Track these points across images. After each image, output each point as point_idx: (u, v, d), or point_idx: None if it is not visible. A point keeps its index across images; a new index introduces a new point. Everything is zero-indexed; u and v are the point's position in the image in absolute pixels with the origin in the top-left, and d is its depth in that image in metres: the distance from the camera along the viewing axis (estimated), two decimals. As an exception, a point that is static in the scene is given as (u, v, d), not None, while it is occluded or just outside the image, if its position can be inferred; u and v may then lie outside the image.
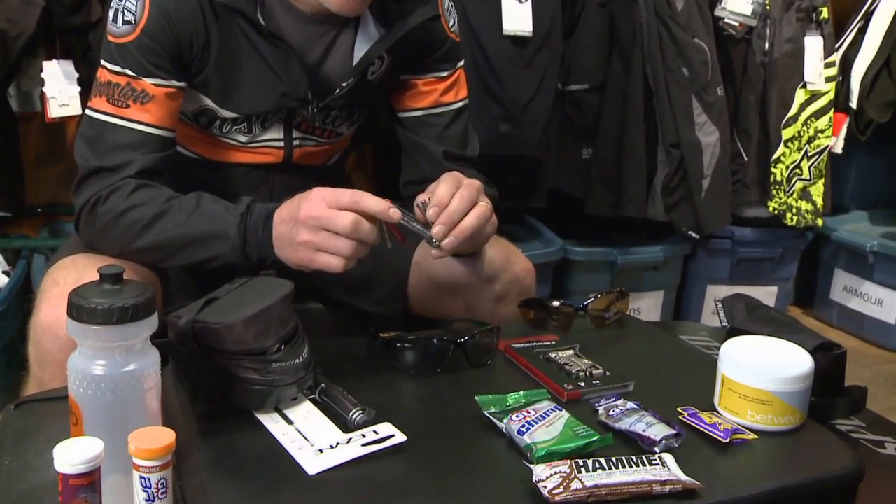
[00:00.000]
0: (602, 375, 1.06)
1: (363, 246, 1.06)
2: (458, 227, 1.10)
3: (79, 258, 1.18)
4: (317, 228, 1.05)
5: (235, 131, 1.31)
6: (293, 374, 0.94)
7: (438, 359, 1.07)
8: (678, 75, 2.41)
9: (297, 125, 1.33)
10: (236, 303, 0.95)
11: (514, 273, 1.33)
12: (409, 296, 1.36)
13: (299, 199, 1.09)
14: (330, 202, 1.05)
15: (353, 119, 1.39)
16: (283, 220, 1.11)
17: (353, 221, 1.03)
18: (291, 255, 1.10)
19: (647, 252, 2.60)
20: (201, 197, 1.18)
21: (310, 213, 1.05)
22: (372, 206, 1.05)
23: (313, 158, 1.40)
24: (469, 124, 1.41)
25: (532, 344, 1.15)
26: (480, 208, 1.12)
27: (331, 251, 1.05)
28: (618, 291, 1.29)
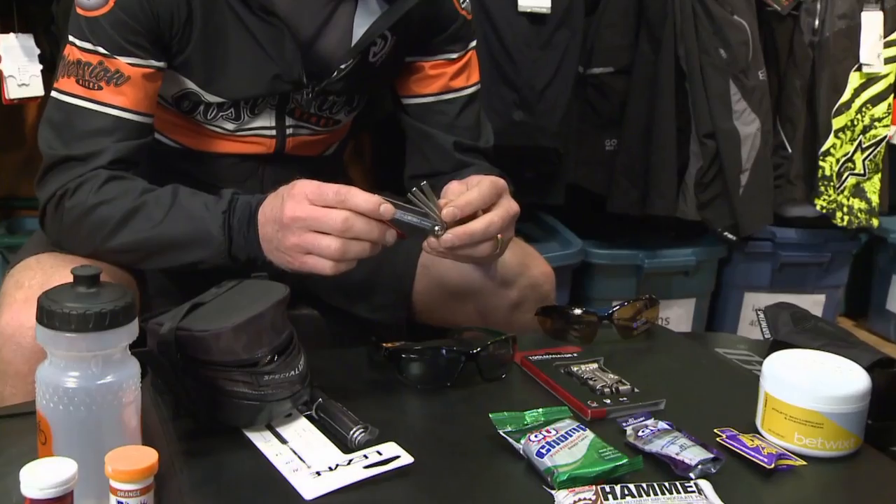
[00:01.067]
0: (630, 392, 1.07)
1: (358, 244, 1.05)
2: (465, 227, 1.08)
3: (45, 258, 1.18)
4: (303, 230, 1.05)
5: (221, 118, 1.32)
6: (287, 387, 0.95)
7: (448, 372, 1.08)
8: (714, 57, 2.42)
9: (290, 112, 1.34)
10: (224, 308, 0.96)
11: (532, 277, 1.34)
12: (414, 302, 1.37)
13: (282, 196, 1.09)
14: (315, 199, 1.05)
15: (352, 105, 1.40)
16: (268, 220, 1.11)
17: (343, 220, 1.03)
18: (280, 260, 1.10)
19: (678, 255, 2.60)
20: (178, 191, 1.18)
21: (294, 215, 1.05)
22: (360, 203, 1.03)
23: (308, 149, 1.41)
24: (482, 112, 1.42)
25: (551, 356, 1.16)
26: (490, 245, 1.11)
27: (320, 253, 1.05)
28: (647, 298, 1.30)
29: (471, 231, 1.09)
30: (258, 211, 1.13)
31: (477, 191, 1.10)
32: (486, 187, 1.11)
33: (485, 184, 1.12)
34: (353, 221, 1.03)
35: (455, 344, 1.13)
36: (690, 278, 2.64)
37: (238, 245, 1.14)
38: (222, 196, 1.17)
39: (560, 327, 1.26)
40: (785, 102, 2.62)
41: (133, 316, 0.84)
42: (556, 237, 2.54)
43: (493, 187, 1.12)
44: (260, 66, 1.26)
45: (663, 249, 2.59)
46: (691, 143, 2.49)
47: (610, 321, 1.26)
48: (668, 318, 2.64)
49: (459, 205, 1.08)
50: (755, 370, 1.21)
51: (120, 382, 0.83)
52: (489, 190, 1.11)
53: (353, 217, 1.03)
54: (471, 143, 1.39)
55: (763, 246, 2.71)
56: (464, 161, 1.37)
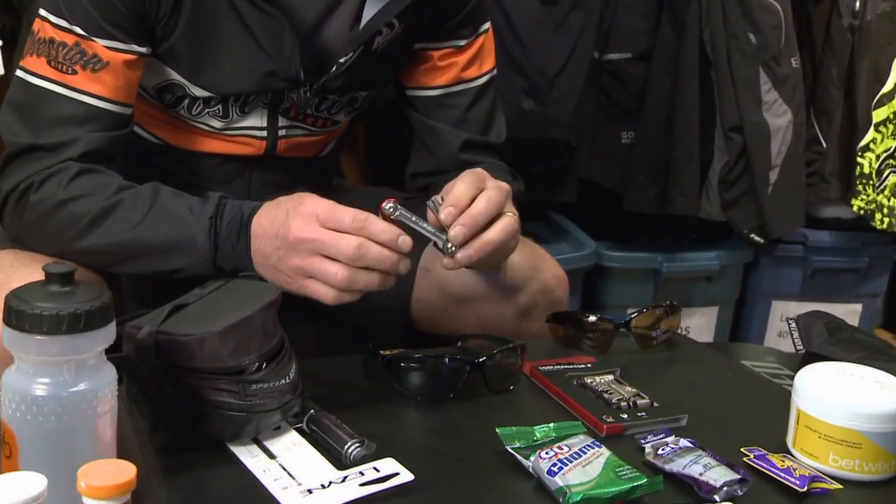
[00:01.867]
0: (649, 406, 1.08)
1: (367, 276, 1.05)
2: (479, 240, 1.10)
3: (6, 255, 1.18)
4: (310, 252, 1.05)
5: (208, 114, 1.32)
6: (277, 398, 0.95)
7: (451, 382, 1.09)
8: (743, 42, 2.42)
9: (284, 111, 1.34)
10: (209, 311, 0.97)
11: (543, 281, 1.34)
12: (413, 309, 1.38)
13: (286, 208, 1.09)
14: (326, 222, 1.05)
15: (354, 106, 1.40)
16: (266, 234, 1.10)
17: (356, 246, 1.03)
18: (275, 278, 1.10)
19: (700, 259, 2.61)
20: (159, 190, 1.18)
21: (302, 235, 1.05)
22: (378, 232, 1.04)
23: (302, 150, 1.41)
24: (497, 101, 1.43)
25: (564, 366, 1.17)
26: (507, 221, 1.13)
27: (324, 280, 1.05)
28: (667, 305, 1.31)
29: (474, 212, 1.10)
30: (251, 220, 1.13)
31: (461, 182, 1.12)
32: (467, 176, 1.14)
33: (464, 175, 1.14)
34: (366, 249, 1.03)
35: (459, 352, 1.14)
36: (713, 284, 2.64)
37: (224, 254, 1.14)
38: (209, 199, 1.16)
39: (573, 336, 1.27)
40: (820, 92, 2.62)
41: (110, 318, 0.84)
42: (567, 238, 2.54)
43: (473, 175, 1.14)
44: (253, 61, 1.26)
45: (684, 252, 2.60)
46: (716, 137, 2.49)
47: (627, 329, 1.27)
48: (689, 327, 2.64)
49: (452, 202, 1.10)
50: (785, 385, 1.22)
51: (94, 390, 0.83)
52: (471, 178, 1.13)
53: (368, 244, 1.04)
54: (481, 140, 1.40)
55: (794, 250, 2.70)
56: (471, 161, 1.38)
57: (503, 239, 1.12)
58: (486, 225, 1.11)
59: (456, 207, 1.10)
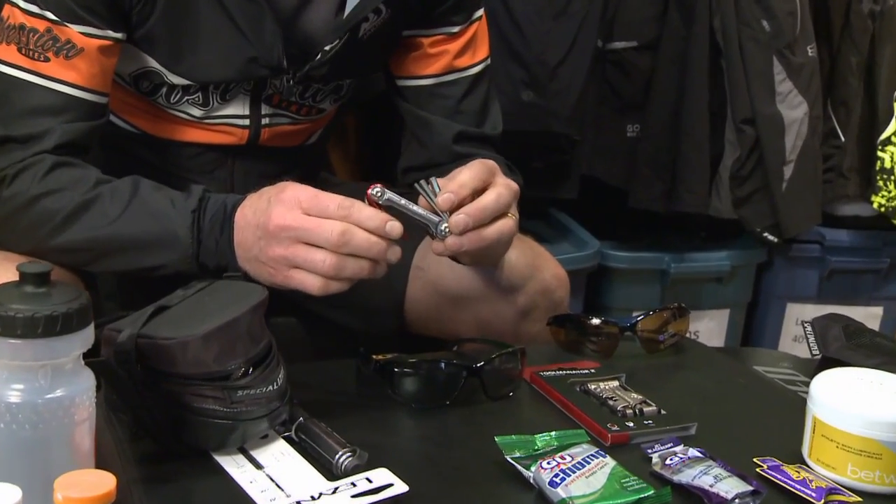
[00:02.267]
0: (656, 414, 1.08)
1: (355, 262, 1.06)
2: (475, 232, 1.10)
3: None
4: (292, 240, 1.06)
5: (187, 102, 1.32)
6: (264, 405, 0.96)
7: (447, 388, 1.10)
8: (756, 29, 2.42)
9: (266, 99, 1.35)
10: (193, 313, 0.97)
11: (543, 282, 1.35)
12: (407, 310, 1.38)
13: (268, 197, 1.09)
14: (309, 209, 1.05)
15: (339, 94, 1.41)
16: (248, 224, 1.11)
17: (340, 233, 1.03)
18: (259, 272, 1.11)
19: (710, 259, 2.61)
20: (139, 183, 1.18)
21: (282, 223, 1.06)
22: (364, 218, 1.04)
23: (287, 139, 1.42)
24: (491, 91, 1.44)
25: (565, 372, 1.18)
26: (507, 223, 1.14)
27: (310, 268, 1.06)
28: (675, 307, 1.32)
29: (483, 204, 1.10)
30: (234, 212, 1.13)
31: (468, 171, 1.13)
32: (476, 166, 1.14)
33: (474, 164, 1.14)
34: (351, 235, 1.04)
35: (455, 357, 1.14)
36: (724, 286, 2.65)
37: (207, 250, 1.14)
38: (191, 192, 1.17)
39: (575, 339, 1.28)
40: (838, 83, 2.62)
41: (88, 320, 0.84)
42: (569, 237, 2.55)
43: (483, 166, 1.15)
44: (234, 47, 1.27)
45: (693, 252, 2.60)
46: (727, 130, 2.49)
47: (633, 333, 1.28)
48: (698, 331, 2.65)
49: (453, 188, 1.10)
50: (801, 391, 1.22)
51: (72, 397, 0.83)
52: (480, 168, 1.14)
53: (353, 229, 1.04)
54: (476, 132, 1.41)
55: (810, 249, 2.71)
56: (465, 153, 1.39)
57: (499, 239, 1.13)
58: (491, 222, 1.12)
59: (457, 196, 1.10)
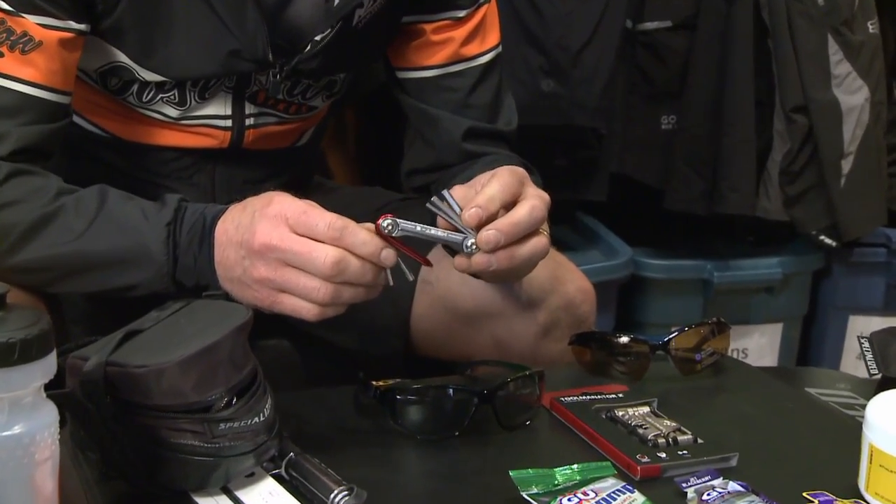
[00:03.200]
0: (691, 443, 1.09)
1: (351, 290, 1.07)
2: (507, 250, 1.11)
3: None
4: (279, 262, 1.07)
5: (161, 101, 1.33)
6: (250, 439, 0.96)
7: (457, 418, 1.10)
8: (807, 4, 2.41)
9: (251, 97, 1.36)
10: (168, 337, 0.98)
11: (566, 295, 1.36)
12: (412, 328, 1.40)
13: (252, 211, 1.10)
14: (297, 227, 1.06)
15: (332, 91, 1.42)
16: (231, 241, 1.12)
17: (333, 262, 1.04)
18: (243, 294, 1.11)
19: (758, 267, 2.62)
20: (106, 193, 1.19)
21: (268, 242, 1.06)
22: (358, 243, 1.05)
23: (274, 141, 1.43)
24: (503, 83, 1.45)
25: (590, 397, 1.18)
26: (541, 241, 1.14)
27: (301, 295, 1.07)
28: (714, 322, 1.32)
29: (516, 219, 1.11)
30: (214, 226, 1.14)
31: (497, 182, 1.13)
32: (506, 176, 1.14)
33: (502, 173, 1.15)
34: (346, 265, 1.04)
35: (465, 381, 1.15)
36: (776, 297, 2.66)
37: (185, 267, 1.15)
38: (166, 203, 1.17)
39: (602, 360, 1.28)
40: (904, 63, 2.62)
41: (50, 347, 0.84)
42: (598, 244, 2.56)
43: (512, 175, 1.15)
44: (212, 39, 1.28)
45: (739, 259, 2.61)
46: (775, 120, 2.50)
47: (666, 352, 1.28)
48: (747, 348, 2.65)
49: (481, 202, 1.10)
50: (858, 416, 1.22)
51: (32, 434, 0.83)
52: (510, 178, 1.14)
53: (348, 259, 1.05)
54: (488, 128, 1.42)
55: (874, 254, 2.71)
56: (476, 151, 1.40)
57: (531, 259, 1.14)
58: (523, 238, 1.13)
59: (485, 211, 1.10)
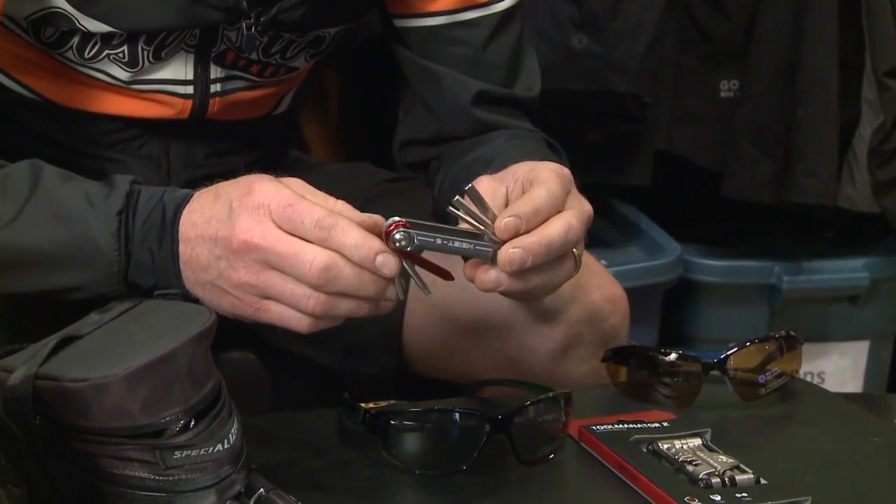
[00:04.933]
0: (753, 483, 1.10)
1: (347, 303, 1.08)
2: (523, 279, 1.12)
3: None
4: (262, 265, 1.08)
5: (108, 59, 1.34)
6: (211, 471, 0.97)
7: (464, 449, 1.12)
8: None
9: (217, 57, 1.38)
10: (112, 345, 1.00)
11: (590, 306, 1.38)
12: (406, 343, 1.42)
13: (229, 200, 1.11)
14: (282, 221, 1.07)
15: (319, 48, 1.43)
16: (202, 237, 1.13)
17: (321, 269, 1.05)
18: (218, 300, 1.13)
19: (840, 270, 2.64)
20: (40, 171, 1.20)
21: (249, 239, 1.07)
22: (350, 244, 1.06)
23: (246, 110, 1.45)
24: (524, 38, 1.46)
25: (628, 426, 1.20)
26: (567, 269, 1.16)
27: (290, 304, 1.08)
28: (782, 337, 1.33)
29: (548, 239, 1.11)
30: (179, 216, 1.15)
31: (544, 190, 1.14)
32: (553, 183, 1.15)
33: (549, 178, 1.16)
34: (337, 273, 1.05)
35: (475, 404, 1.17)
36: (861, 308, 2.67)
37: (140, 266, 1.16)
38: (114, 185, 1.18)
39: (642, 381, 1.30)
40: None
41: None
42: (639, 239, 2.58)
43: (559, 180, 1.16)
44: None
45: (815, 260, 2.63)
46: (864, 87, 2.50)
47: (722, 372, 1.29)
48: (823, 371, 2.66)
49: (525, 213, 1.11)
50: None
51: None
52: (557, 186, 1.15)
53: (338, 265, 1.06)
54: (503, 92, 1.43)
55: None
56: (488, 121, 1.42)
57: (548, 286, 1.16)
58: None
59: (525, 224, 1.11)
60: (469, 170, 1.34)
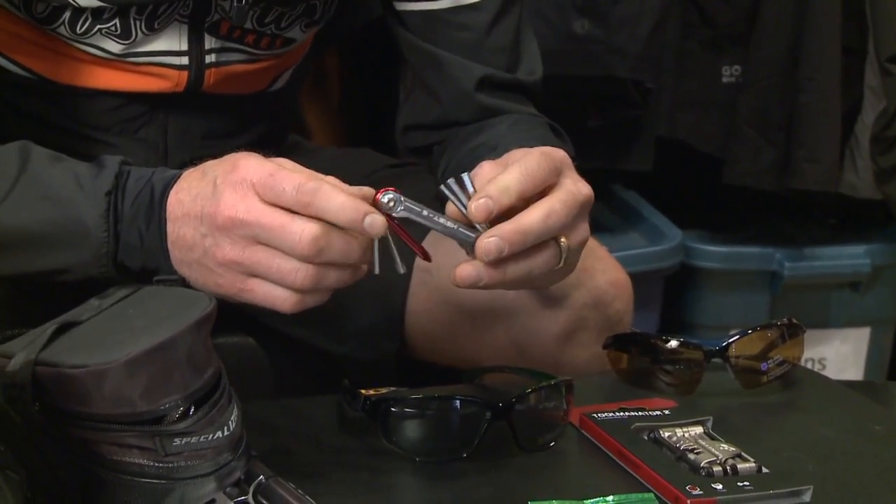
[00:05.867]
0: (754, 472, 1.10)
1: (336, 272, 1.08)
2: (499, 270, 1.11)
3: None
4: (248, 240, 1.08)
5: (100, 34, 1.34)
6: (211, 458, 0.97)
7: (465, 436, 1.12)
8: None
9: (211, 27, 1.37)
10: (112, 331, 0.99)
11: (595, 290, 1.38)
12: (408, 327, 1.42)
13: (214, 178, 1.11)
14: (265, 193, 1.07)
15: (313, 17, 1.43)
16: (188, 215, 1.12)
17: (311, 239, 1.04)
18: (204, 279, 1.13)
19: (842, 257, 2.64)
20: (29, 152, 1.20)
21: (234, 214, 1.07)
22: (334, 209, 1.05)
23: (242, 84, 1.44)
24: (525, 22, 1.46)
25: (629, 413, 1.20)
26: (545, 259, 1.14)
27: (276, 280, 1.08)
28: (784, 324, 1.33)
29: (525, 227, 1.10)
30: (166, 196, 1.15)
31: (518, 168, 1.13)
32: (534, 162, 1.14)
33: (531, 158, 1.14)
34: (328, 241, 1.05)
35: (476, 391, 1.17)
36: (863, 295, 2.68)
37: (129, 247, 1.16)
38: (104, 166, 1.18)
39: (644, 368, 1.30)
40: None
41: None
42: (640, 225, 2.58)
43: (546, 160, 1.15)
44: None
45: (816, 247, 2.63)
46: (867, 73, 2.50)
47: (723, 359, 1.29)
48: (824, 358, 2.66)
49: (493, 192, 1.10)
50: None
51: None
52: (538, 165, 1.14)
53: (331, 234, 1.05)
54: (507, 77, 1.43)
55: None
56: (491, 105, 1.42)
57: (528, 276, 1.14)
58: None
59: (495, 202, 1.10)
60: (473, 155, 1.33)
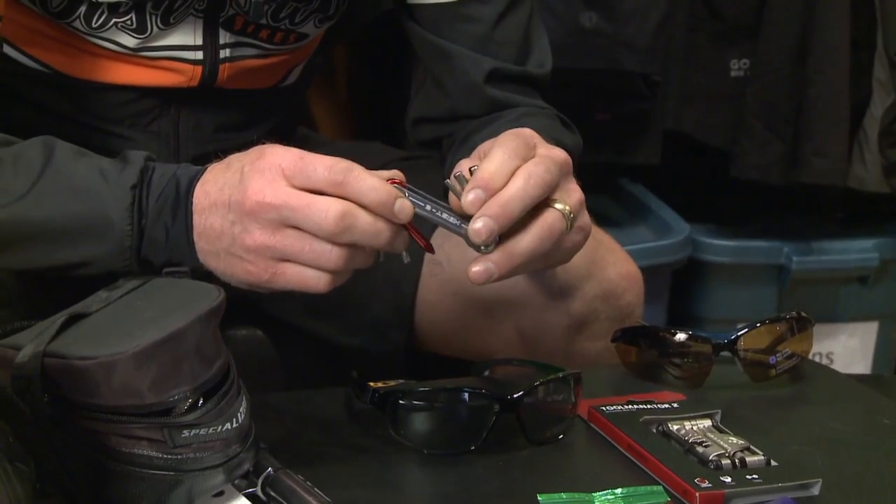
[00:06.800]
0: (763, 465, 1.10)
1: (359, 254, 1.09)
2: (504, 250, 1.11)
3: None
4: (277, 224, 1.08)
5: (116, 28, 1.34)
6: (219, 450, 0.97)
7: (473, 429, 1.12)
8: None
9: (226, 22, 1.37)
10: (121, 323, 1.00)
11: (606, 282, 1.38)
12: (418, 319, 1.42)
13: (240, 167, 1.11)
14: (294, 177, 1.07)
15: (327, 13, 1.43)
16: (215, 205, 1.13)
17: (339, 215, 1.05)
18: (233, 269, 1.13)
19: (849, 251, 2.63)
20: (53, 147, 1.20)
21: (262, 199, 1.08)
22: (366, 190, 1.06)
23: (255, 79, 1.45)
24: (536, 15, 1.46)
25: (638, 406, 1.20)
26: (550, 219, 1.13)
27: (312, 262, 1.09)
28: (792, 318, 1.33)
29: (504, 198, 1.10)
30: (192, 190, 1.15)
31: (499, 152, 1.13)
32: (509, 142, 1.15)
33: (503, 139, 1.16)
34: (353, 219, 1.06)
35: (484, 384, 1.17)
36: (870, 289, 2.67)
37: (154, 242, 1.16)
38: (128, 160, 1.18)
39: (652, 361, 1.30)
40: None
41: None
42: (648, 219, 2.57)
43: (517, 139, 1.16)
44: None
45: (824, 241, 2.63)
46: (875, 66, 2.49)
47: (732, 353, 1.29)
48: (832, 352, 2.66)
49: (482, 182, 1.10)
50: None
51: None
52: (513, 142, 1.15)
53: (355, 212, 1.06)
54: (516, 70, 1.43)
55: None
56: (500, 99, 1.41)
57: (539, 249, 1.13)
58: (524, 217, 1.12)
59: (486, 190, 1.10)
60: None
